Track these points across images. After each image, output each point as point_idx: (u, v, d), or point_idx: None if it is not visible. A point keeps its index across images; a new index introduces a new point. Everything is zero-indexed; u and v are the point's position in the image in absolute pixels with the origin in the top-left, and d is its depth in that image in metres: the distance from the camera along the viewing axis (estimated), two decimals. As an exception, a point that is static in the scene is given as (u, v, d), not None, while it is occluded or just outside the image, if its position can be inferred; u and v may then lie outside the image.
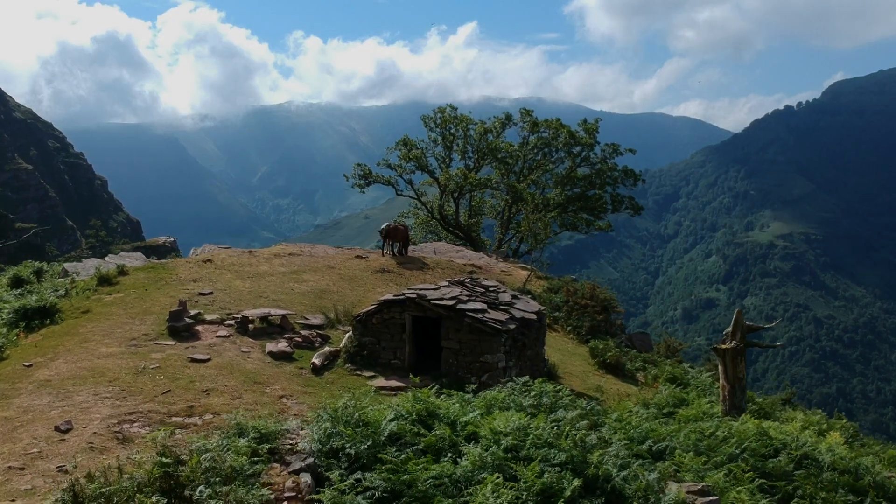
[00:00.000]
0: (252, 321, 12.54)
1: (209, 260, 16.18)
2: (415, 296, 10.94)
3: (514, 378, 10.83)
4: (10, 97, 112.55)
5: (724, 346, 10.69)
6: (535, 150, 30.17)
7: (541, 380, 8.57)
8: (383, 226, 18.48)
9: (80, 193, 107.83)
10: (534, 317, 11.70)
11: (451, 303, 10.73)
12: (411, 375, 10.23)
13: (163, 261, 16.91)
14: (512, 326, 10.83)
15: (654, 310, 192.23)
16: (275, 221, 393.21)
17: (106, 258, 16.66)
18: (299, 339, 12.09)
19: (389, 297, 11.31)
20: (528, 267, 20.22)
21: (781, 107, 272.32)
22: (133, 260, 16.65)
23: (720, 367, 10.89)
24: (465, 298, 11.09)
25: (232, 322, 12.52)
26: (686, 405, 9.66)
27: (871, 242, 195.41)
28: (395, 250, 18.92)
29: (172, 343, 11.33)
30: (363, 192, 31.11)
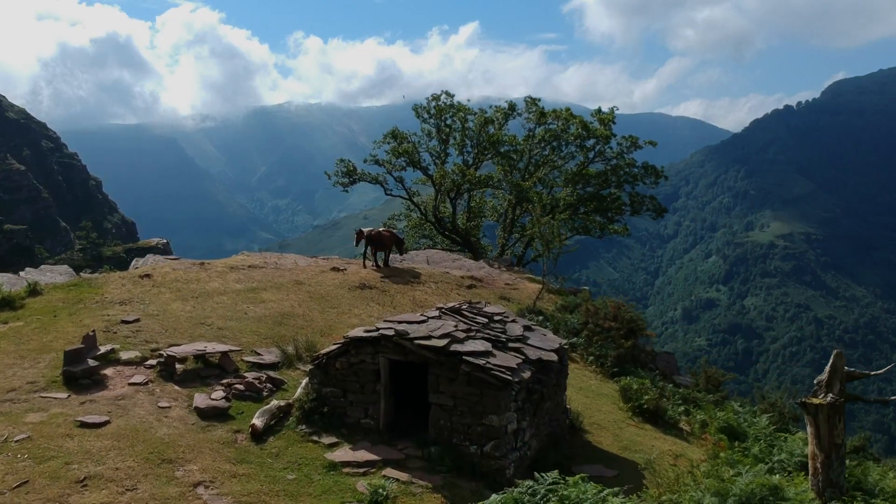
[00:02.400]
0: (182, 360, 9.54)
1: (148, 275, 13.15)
2: (392, 333, 7.95)
3: (528, 443, 7.87)
4: (3, 97, 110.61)
5: (817, 401, 7.76)
6: (543, 144, 26.49)
7: (577, 480, 5.57)
8: (366, 230, 15.36)
9: (74, 194, 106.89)
10: (553, 357, 8.73)
11: (442, 343, 7.75)
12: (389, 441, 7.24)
13: (92, 275, 13.87)
14: (526, 374, 7.87)
15: (654, 310, 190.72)
16: (273, 222, 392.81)
17: (22, 273, 13.60)
18: (241, 387, 9.09)
19: (359, 332, 8.31)
20: (539, 279, 17.19)
21: (781, 106, 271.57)
22: (57, 275, 13.63)
23: (810, 429, 7.95)
24: (462, 335, 8.11)
25: (155, 362, 9.52)
26: (785, 502, 6.69)
27: (872, 242, 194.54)
28: (381, 260, 15.91)
29: (65, 396, 8.34)
30: (346, 192, 27.66)
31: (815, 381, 8.07)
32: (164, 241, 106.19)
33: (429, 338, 7.87)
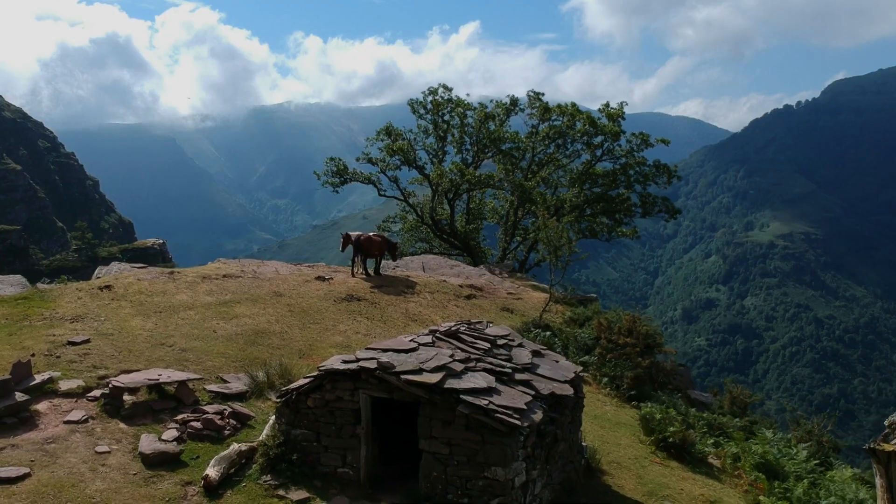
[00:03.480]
0: (133, 390, 8.13)
1: (108, 286, 11.72)
2: (375, 365, 6.56)
3: (538, 496, 6.49)
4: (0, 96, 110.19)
5: (889, 448, 6.40)
6: (547, 141, 24.79)
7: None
8: (354, 234, 13.89)
9: (70, 194, 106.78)
10: (568, 390, 7.34)
11: (435, 378, 6.36)
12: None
13: (47, 287, 12.43)
14: (537, 416, 6.48)
15: (653, 310, 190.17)
16: (273, 222, 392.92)
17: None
18: (198, 424, 7.68)
19: (335, 362, 6.91)
20: (544, 287, 15.75)
21: (781, 106, 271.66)
22: (8, 286, 12.19)
23: (880, 480, 6.58)
24: (460, 367, 6.72)
25: (99, 393, 8.11)
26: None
27: (872, 241, 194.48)
28: (372, 268, 14.47)
29: (-17, 439, 6.93)
30: (337, 192, 26.03)
31: (885, 423, 6.71)
32: (161, 241, 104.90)
33: (419, 371, 6.48)
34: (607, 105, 24.62)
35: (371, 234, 14.58)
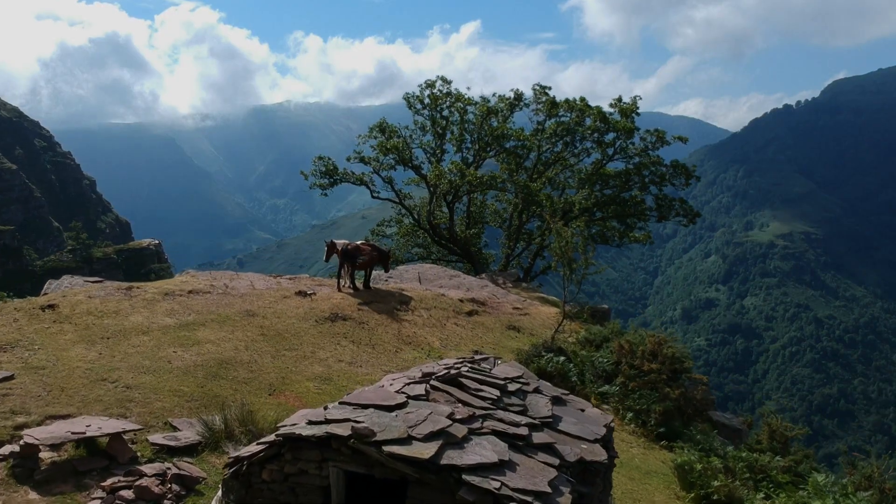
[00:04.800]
0: (55, 446, 6.50)
1: (52, 305, 10.07)
2: (348, 432, 4.94)
3: None
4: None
5: None
6: (554, 139, 22.83)
7: None
8: (340, 243, 12.19)
9: (67, 194, 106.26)
10: (600, 453, 5.73)
11: (429, 451, 4.74)
12: None
13: (-18, 306, 10.79)
14: (564, 498, 4.88)
15: (653, 310, 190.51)
16: (272, 222, 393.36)
17: None
18: (129, 495, 6.04)
19: (298, 423, 5.29)
20: (553, 299, 14.12)
21: (781, 106, 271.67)
22: (-62, 304, 10.57)
23: None
24: (462, 431, 5.10)
25: (9, 451, 6.47)
26: None
27: (872, 241, 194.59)
28: (362, 281, 12.79)
29: None
30: (325, 195, 24.15)
31: None
32: (157, 241, 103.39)
33: (408, 440, 4.86)
34: (619, 100, 22.69)
35: (360, 242, 12.86)
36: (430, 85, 22.68)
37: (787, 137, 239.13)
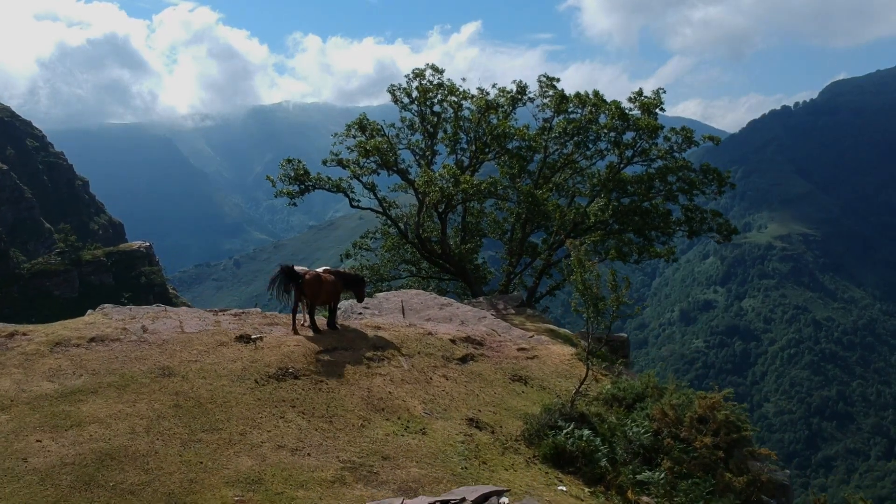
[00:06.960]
0: None
1: None
2: None
3: None
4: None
5: None
6: (563, 139, 19.64)
7: None
8: (299, 269, 9.36)
9: (59, 194, 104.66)
10: None
11: None
12: None
13: None
14: None
15: (651, 312, 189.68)
16: (269, 222, 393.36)
17: None
18: None
19: None
20: (566, 332, 11.39)
21: (780, 107, 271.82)
22: None
23: None
24: None
25: None
26: None
27: (871, 242, 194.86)
28: (323, 319, 9.95)
29: None
30: (294, 205, 21.01)
31: None
32: (147, 244, 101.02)
33: None
34: (640, 93, 19.24)
35: (321, 270, 10.04)
36: (418, 75, 19.41)
37: (786, 138, 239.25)
